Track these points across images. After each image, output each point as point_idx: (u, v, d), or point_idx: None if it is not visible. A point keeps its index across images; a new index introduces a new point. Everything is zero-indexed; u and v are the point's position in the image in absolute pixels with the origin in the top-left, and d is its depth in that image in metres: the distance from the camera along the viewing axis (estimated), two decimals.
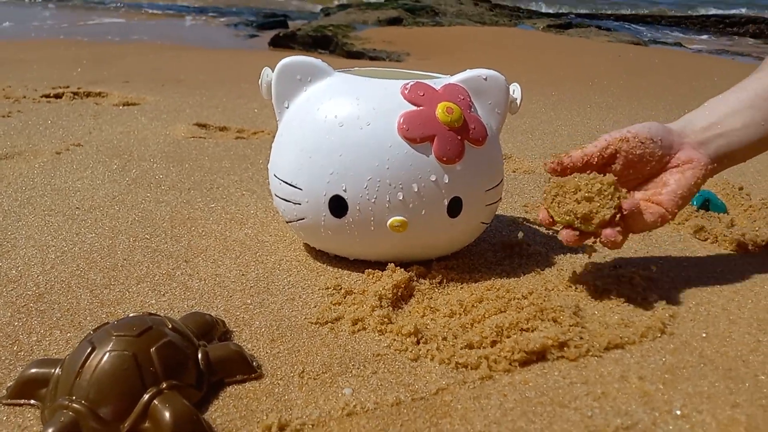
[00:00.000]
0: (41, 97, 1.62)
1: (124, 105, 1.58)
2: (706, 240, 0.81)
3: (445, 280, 0.66)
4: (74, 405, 0.41)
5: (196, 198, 0.90)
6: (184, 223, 0.81)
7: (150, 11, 4.54)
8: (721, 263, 0.74)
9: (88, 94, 1.69)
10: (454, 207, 0.65)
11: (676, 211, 0.63)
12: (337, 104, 0.64)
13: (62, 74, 2.01)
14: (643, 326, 0.57)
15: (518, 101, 0.70)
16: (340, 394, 0.47)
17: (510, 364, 0.51)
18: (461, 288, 0.65)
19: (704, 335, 0.57)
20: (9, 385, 0.46)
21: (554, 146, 1.33)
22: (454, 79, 0.68)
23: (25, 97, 1.60)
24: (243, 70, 2.35)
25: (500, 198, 0.71)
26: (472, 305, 0.61)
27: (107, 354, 0.43)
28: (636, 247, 0.78)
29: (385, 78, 0.67)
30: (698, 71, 2.84)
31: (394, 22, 4.05)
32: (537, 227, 0.84)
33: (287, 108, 0.68)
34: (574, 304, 0.60)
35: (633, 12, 7.41)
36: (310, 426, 0.43)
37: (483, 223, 0.70)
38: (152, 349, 0.44)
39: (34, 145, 1.14)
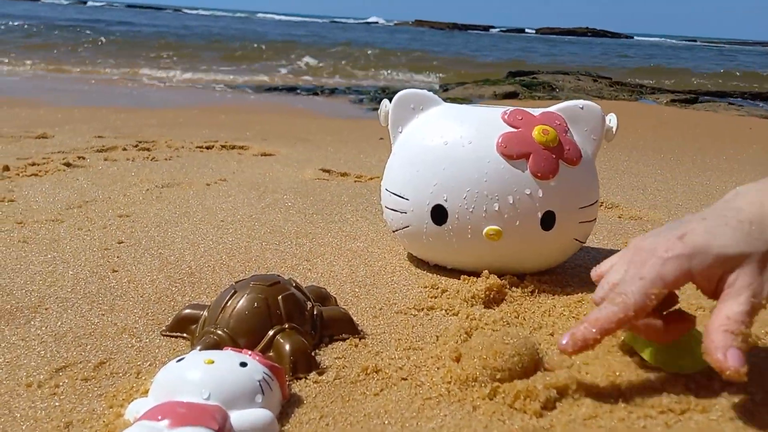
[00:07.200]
0: (195, 147, 1.89)
1: (262, 155, 1.80)
2: None
3: (536, 291, 0.71)
4: (218, 331, 0.51)
5: (317, 220, 1.03)
6: (306, 235, 0.93)
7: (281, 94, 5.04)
8: None
9: (233, 147, 1.94)
10: (548, 220, 0.70)
11: None
12: (443, 126, 0.74)
13: (212, 133, 2.33)
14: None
15: (614, 129, 0.75)
16: (430, 353, 0.53)
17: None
18: (552, 298, 0.69)
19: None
20: (167, 323, 0.58)
21: (666, 200, 1.32)
22: (552, 108, 0.75)
23: (182, 147, 1.89)
24: (363, 133, 2.56)
25: (595, 218, 0.75)
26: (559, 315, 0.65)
27: (245, 296, 0.53)
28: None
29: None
30: None
31: (510, 96, 4.19)
32: None
33: (401, 132, 0.79)
34: None
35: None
36: (405, 371, 0.50)
37: (577, 240, 0.74)
38: (279, 297, 0.53)
39: (189, 179, 1.35)
